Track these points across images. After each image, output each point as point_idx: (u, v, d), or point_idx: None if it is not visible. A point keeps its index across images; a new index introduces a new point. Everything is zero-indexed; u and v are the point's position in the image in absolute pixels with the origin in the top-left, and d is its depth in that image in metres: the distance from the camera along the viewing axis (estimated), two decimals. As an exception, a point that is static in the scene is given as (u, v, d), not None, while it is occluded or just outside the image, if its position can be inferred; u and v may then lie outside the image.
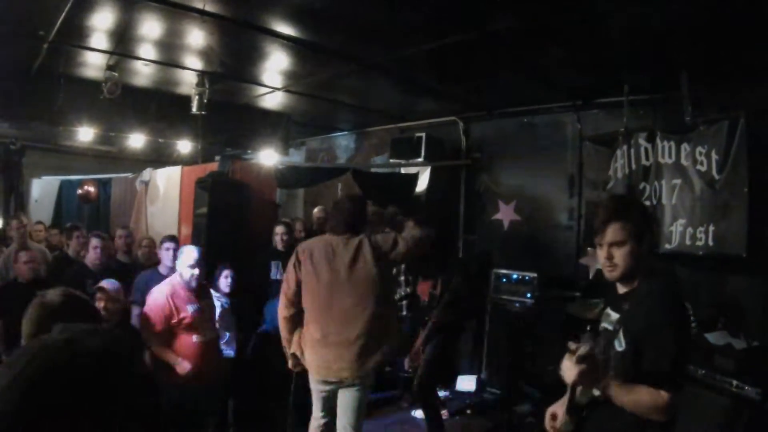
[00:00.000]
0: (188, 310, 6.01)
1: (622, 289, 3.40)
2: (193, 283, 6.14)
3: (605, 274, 3.40)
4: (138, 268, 7.92)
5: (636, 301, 3.25)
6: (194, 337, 6.01)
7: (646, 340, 3.09)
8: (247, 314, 7.60)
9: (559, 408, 3.46)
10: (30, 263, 6.95)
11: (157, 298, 6.03)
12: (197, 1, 5.85)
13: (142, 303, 6.68)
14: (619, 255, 3.28)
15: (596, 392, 3.14)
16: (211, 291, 6.88)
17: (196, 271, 6.14)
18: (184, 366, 5.83)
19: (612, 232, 3.28)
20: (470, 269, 8.44)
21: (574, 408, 3.27)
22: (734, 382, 5.36)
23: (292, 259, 5.73)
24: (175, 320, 5.96)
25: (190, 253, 6.19)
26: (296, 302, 5.61)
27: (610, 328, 3.32)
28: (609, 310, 3.49)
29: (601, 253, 3.35)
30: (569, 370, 3.02)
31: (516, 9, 5.82)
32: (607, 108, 8.60)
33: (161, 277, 6.89)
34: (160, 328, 5.92)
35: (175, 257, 6.92)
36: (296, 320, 5.66)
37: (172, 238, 7.50)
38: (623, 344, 3.18)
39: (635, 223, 3.29)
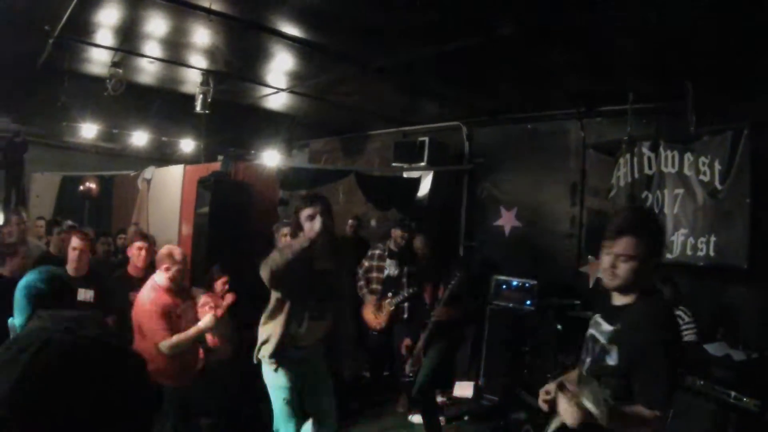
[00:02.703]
0: (171, 315, 5.86)
1: (617, 301, 3.39)
2: (167, 284, 5.96)
3: (604, 280, 3.38)
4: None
5: (632, 318, 3.24)
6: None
7: (639, 360, 3.09)
8: (245, 315, 7.58)
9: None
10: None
11: (163, 305, 5.81)
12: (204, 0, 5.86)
13: None
14: (624, 268, 3.25)
15: None
16: (203, 295, 6.85)
17: (170, 273, 5.92)
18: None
19: (624, 244, 3.23)
20: (471, 269, 8.38)
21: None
22: (733, 393, 5.35)
23: None
24: (177, 322, 5.85)
25: (164, 256, 6.00)
26: None
27: (602, 339, 3.30)
28: (600, 319, 3.47)
29: (607, 259, 3.32)
30: (568, 414, 3.02)
31: (521, 15, 5.84)
32: (611, 116, 8.58)
33: (130, 279, 6.85)
34: (165, 324, 5.73)
35: (146, 257, 6.90)
36: None
37: (144, 237, 7.35)
38: (616, 360, 3.18)
39: (648, 241, 3.27)
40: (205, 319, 5.86)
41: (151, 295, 5.85)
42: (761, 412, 5.14)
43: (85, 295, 6.35)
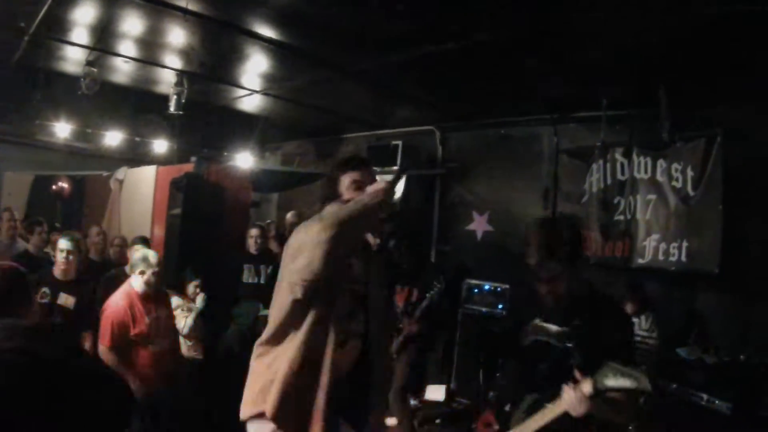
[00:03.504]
0: (145, 321, 5.89)
1: (559, 303, 3.50)
2: (143, 289, 5.99)
3: (547, 303, 3.53)
4: (110, 267, 7.84)
5: (585, 318, 3.31)
6: (150, 348, 5.89)
7: (601, 350, 3.15)
8: (216, 316, 7.56)
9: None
10: None
11: (115, 310, 5.81)
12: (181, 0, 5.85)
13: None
14: (561, 286, 3.43)
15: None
16: (175, 297, 6.85)
17: (145, 277, 5.95)
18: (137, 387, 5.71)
19: (549, 269, 3.44)
20: (447, 278, 8.40)
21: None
22: (705, 396, 5.42)
23: None
24: (132, 332, 5.82)
25: (139, 261, 6.02)
26: None
27: (554, 342, 3.36)
28: (542, 323, 3.54)
29: (545, 288, 3.46)
30: (580, 404, 3.06)
31: (497, 21, 5.87)
32: (585, 122, 8.64)
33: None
34: (117, 341, 5.73)
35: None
36: None
37: (144, 240, 7.37)
38: (577, 359, 3.23)
39: (569, 251, 3.38)
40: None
41: (119, 302, 5.85)
42: (733, 413, 5.21)
43: (66, 300, 6.34)
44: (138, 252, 6.27)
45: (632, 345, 3.53)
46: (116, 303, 5.84)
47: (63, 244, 6.45)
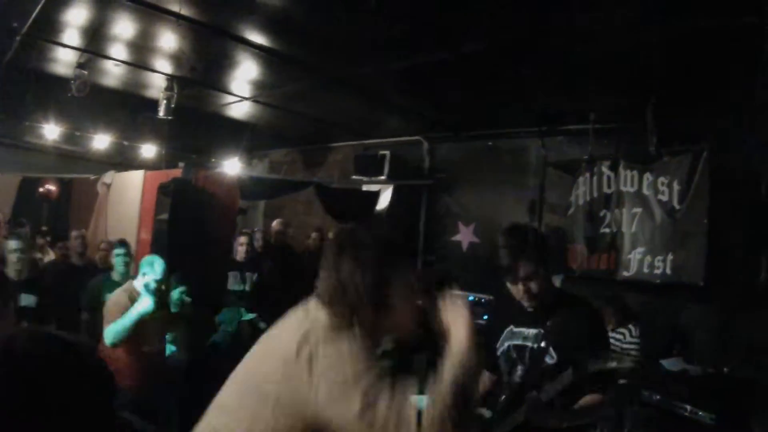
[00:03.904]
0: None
1: (531, 308, 3.54)
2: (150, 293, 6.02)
3: (525, 305, 3.52)
4: (94, 271, 7.82)
5: (559, 317, 3.37)
6: (143, 347, 5.96)
7: (577, 350, 3.19)
8: (200, 324, 7.55)
9: None
10: None
11: (116, 301, 5.95)
12: (173, 4, 5.85)
13: (91, 308, 6.80)
14: (534, 287, 3.43)
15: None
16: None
17: (163, 286, 6.08)
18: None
19: (523, 268, 3.42)
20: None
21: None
22: (689, 407, 5.46)
23: None
24: None
25: (151, 266, 6.10)
26: None
27: (530, 344, 3.40)
28: (516, 328, 3.58)
29: (520, 289, 3.46)
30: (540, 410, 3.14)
31: (488, 33, 5.91)
32: (572, 135, 8.68)
33: (114, 284, 6.84)
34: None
35: (127, 263, 7.05)
36: None
37: (124, 244, 7.37)
38: (555, 357, 3.28)
39: (539, 252, 3.46)
40: (144, 303, 5.78)
41: (120, 294, 5.99)
42: (717, 425, 5.25)
43: (26, 300, 6.35)
44: (148, 256, 6.33)
45: (607, 339, 3.59)
46: (117, 295, 6.00)
47: (12, 244, 6.45)
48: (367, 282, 2.35)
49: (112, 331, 5.75)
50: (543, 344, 3.26)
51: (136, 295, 5.96)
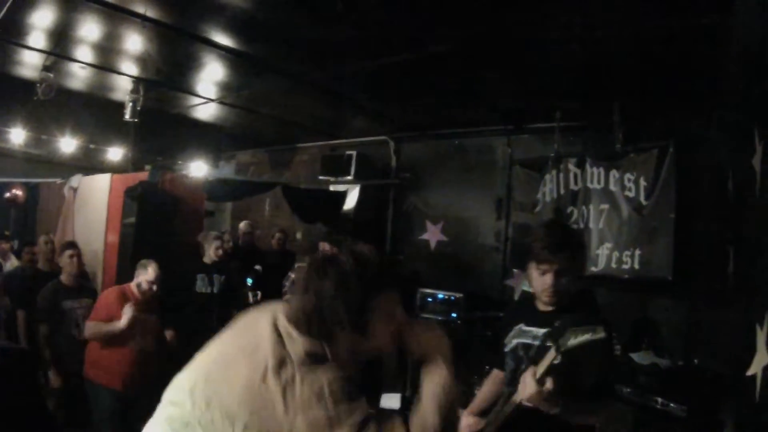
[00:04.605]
0: (128, 316, 6.09)
1: (545, 308, 3.54)
2: (145, 294, 6.39)
3: (545, 298, 3.51)
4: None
5: (568, 318, 3.35)
6: (130, 345, 6.14)
7: (583, 353, 3.19)
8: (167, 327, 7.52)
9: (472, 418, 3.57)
10: None
11: (106, 296, 6.38)
12: (139, 5, 5.82)
13: (49, 320, 6.80)
14: (564, 283, 3.42)
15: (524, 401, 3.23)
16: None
17: (155, 287, 6.43)
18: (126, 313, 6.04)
19: (564, 260, 3.40)
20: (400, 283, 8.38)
21: (500, 415, 3.42)
22: (660, 400, 5.52)
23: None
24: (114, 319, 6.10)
25: (154, 269, 6.46)
26: None
27: (537, 342, 3.40)
28: (527, 327, 3.59)
29: (547, 278, 3.44)
30: (529, 386, 3.11)
31: (454, 33, 5.94)
32: (538, 133, 8.76)
33: (67, 289, 6.99)
34: (103, 318, 6.13)
35: (79, 264, 7.18)
36: None
37: (72, 245, 7.34)
38: (558, 358, 3.28)
39: (579, 253, 3.48)
40: (125, 317, 6.04)
41: (112, 290, 6.51)
42: (688, 417, 5.31)
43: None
44: (144, 260, 6.58)
45: (612, 350, 3.61)
46: (109, 293, 6.41)
47: None
48: (349, 308, 2.24)
49: (91, 326, 6.11)
50: (548, 343, 3.27)
51: (130, 296, 6.28)
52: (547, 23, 5.50)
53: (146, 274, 6.39)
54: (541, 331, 3.46)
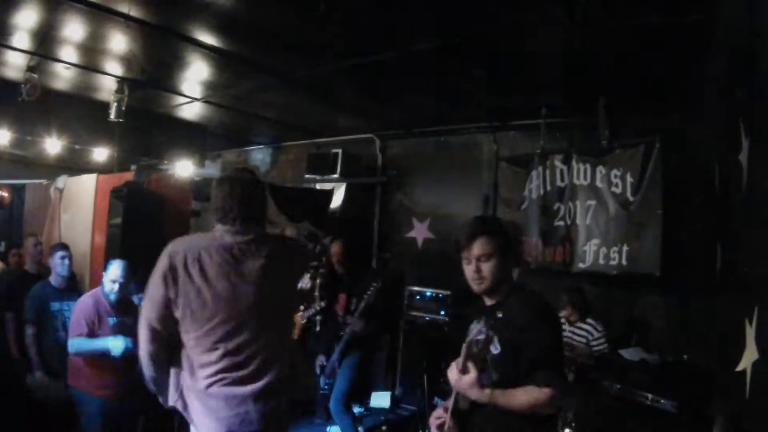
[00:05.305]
0: (109, 322, 6.06)
1: (489, 302, 3.58)
2: (112, 297, 6.20)
3: (473, 287, 3.57)
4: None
5: (507, 309, 3.44)
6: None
7: (522, 341, 3.28)
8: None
9: (443, 412, 3.60)
10: None
11: (83, 307, 6.12)
12: (123, 5, 5.78)
13: (37, 321, 6.80)
14: (487, 268, 3.47)
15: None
16: None
17: (116, 285, 6.18)
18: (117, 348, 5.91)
19: (479, 245, 3.48)
20: (386, 280, 8.38)
21: (457, 411, 3.45)
22: (650, 396, 5.53)
23: (161, 269, 3.87)
24: (98, 330, 6.00)
25: (114, 268, 6.24)
26: (166, 334, 3.85)
27: (481, 337, 3.42)
28: (475, 324, 3.61)
29: (470, 268, 3.52)
30: (454, 379, 3.28)
31: (439, 30, 5.94)
32: (524, 130, 8.76)
33: (55, 291, 7.00)
34: (85, 333, 5.95)
35: (69, 265, 7.19)
36: (166, 359, 3.96)
37: (64, 247, 7.33)
38: (498, 347, 3.30)
39: (499, 238, 3.54)
40: (116, 344, 5.93)
41: (87, 300, 6.22)
42: (679, 412, 5.32)
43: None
44: (115, 261, 6.41)
45: (555, 331, 3.61)
46: (84, 301, 6.20)
47: None
48: None
49: (77, 344, 5.92)
50: (489, 334, 3.28)
51: (103, 302, 6.16)
52: (531, 20, 5.50)
53: (107, 274, 6.27)
54: (480, 325, 3.50)
